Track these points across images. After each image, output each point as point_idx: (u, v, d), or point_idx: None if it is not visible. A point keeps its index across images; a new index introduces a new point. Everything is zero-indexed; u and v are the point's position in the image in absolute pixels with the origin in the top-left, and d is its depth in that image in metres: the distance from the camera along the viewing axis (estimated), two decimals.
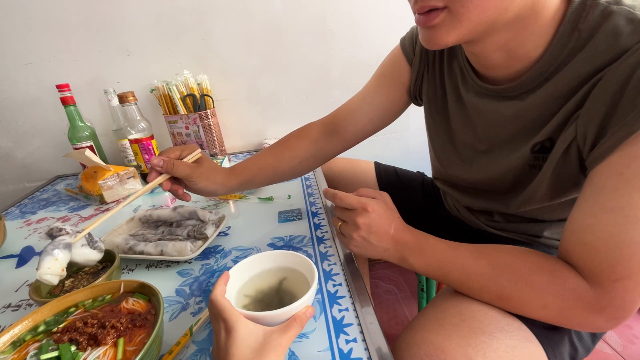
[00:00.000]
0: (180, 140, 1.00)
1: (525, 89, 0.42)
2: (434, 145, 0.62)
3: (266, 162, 0.61)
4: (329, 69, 1.07)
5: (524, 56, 0.40)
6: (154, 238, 0.59)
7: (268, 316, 0.34)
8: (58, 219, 0.77)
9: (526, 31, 0.37)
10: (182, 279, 0.51)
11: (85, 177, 0.86)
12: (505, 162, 0.48)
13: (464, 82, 0.50)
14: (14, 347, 0.35)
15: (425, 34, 0.38)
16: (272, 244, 0.57)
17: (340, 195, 0.46)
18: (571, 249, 0.36)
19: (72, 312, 0.39)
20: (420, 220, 0.71)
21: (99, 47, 0.97)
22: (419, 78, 0.58)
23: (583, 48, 0.36)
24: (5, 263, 0.61)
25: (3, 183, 1.10)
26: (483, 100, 0.47)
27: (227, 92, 1.05)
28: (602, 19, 0.35)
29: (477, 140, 0.52)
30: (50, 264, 0.41)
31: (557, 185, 0.44)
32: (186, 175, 0.52)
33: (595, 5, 0.35)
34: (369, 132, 0.64)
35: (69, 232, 0.45)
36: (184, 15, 0.96)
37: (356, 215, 0.44)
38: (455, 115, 0.54)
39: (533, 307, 0.37)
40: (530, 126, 0.43)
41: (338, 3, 0.99)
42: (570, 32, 0.37)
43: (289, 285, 0.42)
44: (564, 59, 0.38)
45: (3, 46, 0.93)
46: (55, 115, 1.02)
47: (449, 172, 0.59)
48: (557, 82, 0.39)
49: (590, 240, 0.34)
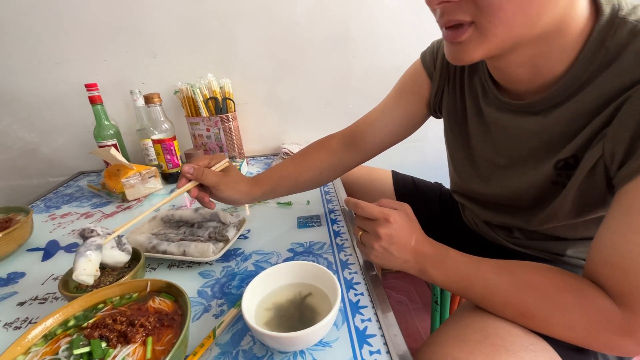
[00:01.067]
0: (201, 142, 1.01)
1: (549, 104, 0.41)
2: (453, 159, 0.62)
3: (287, 172, 0.63)
4: (349, 76, 1.08)
5: (549, 71, 0.40)
6: (176, 238, 0.60)
7: (294, 337, 0.34)
8: (81, 215, 0.79)
9: (552, 47, 0.37)
10: (204, 280, 0.51)
11: (109, 174, 0.88)
12: (526, 177, 0.47)
13: (484, 96, 0.50)
14: (45, 340, 0.36)
15: (452, 50, 0.39)
16: (292, 249, 0.57)
17: (362, 205, 0.46)
18: (598, 268, 0.35)
19: (101, 309, 0.40)
20: (437, 232, 0.69)
21: (127, 49, 0.99)
22: (440, 92, 0.58)
23: (610, 65, 0.36)
24: (32, 256, 0.63)
25: (28, 177, 1.14)
26: (504, 115, 0.47)
27: (248, 96, 1.07)
28: (632, 36, 0.35)
29: (496, 155, 0.51)
30: (85, 265, 0.42)
31: (582, 202, 0.43)
32: (214, 183, 0.53)
33: (624, 23, 0.35)
34: (388, 144, 0.65)
35: (99, 233, 0.46)
36: (209, 20, 0.98)
37: (378, 226, 0.44)
38: (475, 129, 0.54)
39: (558, 327, 0.36)
40: (554, 142, 0.43)
41: (359, 13, 1.00)
42: (597, 48, 0.36)
43: (310, 301, 0.42)
44: (590, 76, 0.37)
45: (36, 46, 0.97)
46: (80, 113, 1.05)
47: (468, 186, 0.59)
48: (584, 98, 0.38)
49: (619, 260, 0.33)
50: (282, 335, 0.34)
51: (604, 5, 0.36)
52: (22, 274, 0.57)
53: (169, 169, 0.92)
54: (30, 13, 0.93)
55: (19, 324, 0.46)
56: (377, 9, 1.00)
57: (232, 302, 0.46)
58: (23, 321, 0.46)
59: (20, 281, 0.55)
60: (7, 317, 0.47)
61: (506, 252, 0.59)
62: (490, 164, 0.53)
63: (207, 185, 0.54)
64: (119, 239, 0.48)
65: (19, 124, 1.06)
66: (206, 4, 0.96)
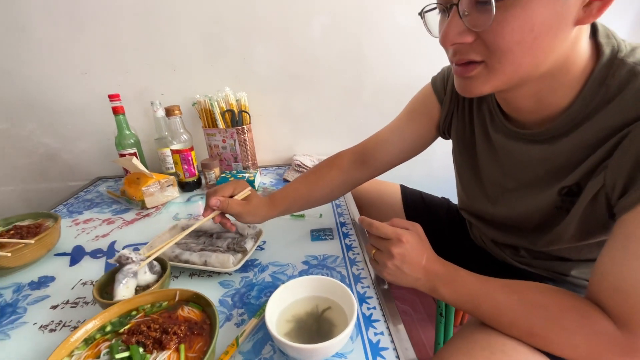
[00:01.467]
0: (217, 152, 1.05)
1: (554, 135, 0.44)
2: (461, 179, 0.65)
3: (301, 192, 0.67)
4: (361, 91, 1.12)
5: (553, 104, 0.43)
6: (197, 248, 0.63)
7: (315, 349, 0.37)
8: (103, 221, 0.82)
9: (556, 83, 0.41)
10: (224, 289, 0.55)
11: (128, 182, 0.92)
12: (532, 201, 0.50)
13: (492, 123, 0.53)
14: (86, 344, 0.39)
15: (462, 83, 0.42)
16: (306, 262, 0.60)
17: (376, 224, 0.48)
18: (601, 293, 0.37)
19: (134, 315, 0.43)
20: (444, 247, 0.71)
21: (149, 62, 1.04)
22: (449, 116, 0.61)
23: (611, 102, 0.39)
24: (60, 260, 0.66)
25: (48, 181, 1.18)
26: (511, 141, 0.50)
27: (263, 108, 1.11)
28: (631, 76, 0.38)
29: (503, 178, 0.54)
30: (123, 292, 0.47)
31: (585, 227, 0.45)
32: (237, 213, 0.59)
33: (623, 65, 0.38)
34: (397, 162, 0.69)
35: (134, 260, 0.50)
36: (228, 36, 1.02)
37: (391, 245, 0.46)
38: (483, 153, 0.57)
39: (562, 347, 0.38)
40: (558, 170, 0.46)
41: (372, 31, 1.04)
42: (598, 86, 0.40)
43: (328, 314, 0.45)
44: (592, 111, 0.40)
45: (63, 56, 1.02)
46: (102, 121, 1.09)
47: (475, 205, 0.62)
48: (586, 131, 0.41)
49: (621, 285, 0.35)
50: (304, 346, 0.37)
51: (604, 46, 0.40)
52: (52, 278, 0.61)
53: (186, 178, 0.96)
54: (59, 24, 0.98)
55: (53, 327, 0.49)
56: (389, 28, 1.03)
57: (252, 312, 0.49)
58: (57, 324, 0.50)
59: (51, 285, 0.59)
60: (42, 320, 0.51)
61: (512, 269, 0.62)
62: (498, 186, 0.56)
63: (231, 214, 0.59)
64: (151, 262, 0.52)
65: (43, 129, 1.10)
66: (227, 21, 1.00)
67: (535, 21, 0.34)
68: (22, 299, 0.56)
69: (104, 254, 0.68)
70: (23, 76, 1.03)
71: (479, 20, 0.36)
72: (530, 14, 0.34)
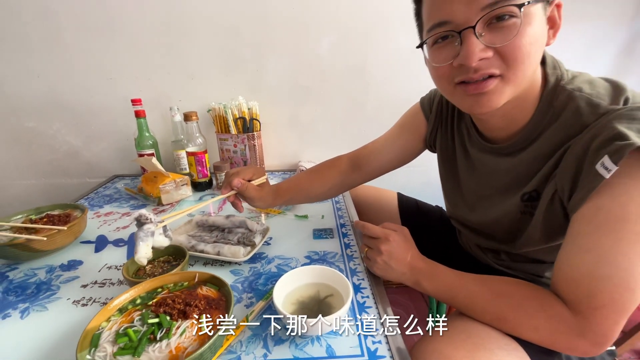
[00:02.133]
0: (228, 156, 1.13)
1: (516, 149, 0.52)
2: (444, 189, 0.73)
3: (302, 186, 0.76)
4: (364, 104, 1.20)
5: (517, 122, 0.51)
6: (210, 240, 0.70)
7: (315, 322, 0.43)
8: (122, 215, 0.90)
9: (524, 101, 0.49)
10: (235, 277, 0.61)
11: (146, 180, 0.99)
12: (501, 207, 0.58)
13: (469, 139, 0.61)
14: (120, 312, 0.46)
15: (479, 100, 0.45)
16: (308, 256, 0.67)
17: (368, 226, 0.58)
18: (558, 283, 0.44)
19: (160, 292, 0.50)
20: (436, 252, 0.78)
21: (169, 70, 1.13)
22: (434, 131, 0.70)
23: (556, 121, 0.47)
24: (86, 247, 0.73)
25: (68, 176, 1.26)
26: (484, 155, 0.58)
27: (272, 116, 1.19)
28: (569, 100, 0.46)
29: (479, 187, 0.62)
30: (146, 250, 0.52)
31: (549, 230, 0.52)
32: (251, 197, 0.67)
33: (564, 90, 0.47)
34: (387, 169, 0.77)
35: (152, 220, 0.55)
36: (244, 50, 1.11)
37: (380, 243, 0.55)
38: (462, 165, 0.65)
39: (526, 329, 0.44)
40: (521, 178, 0.53)
41: (377, 49, 1.12)
42: (547, 107, 0.48)
43: (328, 299, 0.51)
44: (544, 128, 0.49)
45: (93, 62, 1.11)
46: (122, 123, 1.18)
47: (457, 212, 0.70)
48: (540, 144, 0.49)
49: (574, 275, 0.42)
50: (305, 320, 0.43)
51: (550, 75, 0.48)
52: (80, 262, 0.68)
53: (199, 179, 1.03)
54: (91, 34, 1.07)
55: (85, 302, 0.56)
56: (392, 47, 1.12)
57: (259, 296, 0.56)
58: (88, 300, 0.56)
59: (80, 267, 0.66)
60: (74, 296, 0.57)
61: (494, 272, 0.68)
62: (475, 195, 0.64)
63: (246, 197, 0.67)
64: (165, 226, 0.58)
65: (67, 129, 1.19)
66: (243, 36, 1.09)
67: (537, 36, 0.42)
68: (55, 279, 0.62)
69: (125, 243, 0.75)
70: (54, 79, 1.12)
71: (497, 38, 0.41)
72: (535, 30, 0.41)
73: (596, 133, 0.41)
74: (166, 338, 0.40)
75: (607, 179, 0.39)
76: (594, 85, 0.46)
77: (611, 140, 0.39)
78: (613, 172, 0.38)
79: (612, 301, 0.39)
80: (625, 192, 0.38)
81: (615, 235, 0.38)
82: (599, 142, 0.40)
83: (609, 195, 0.39)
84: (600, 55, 1.16)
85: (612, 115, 0.41)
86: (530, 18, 0.41)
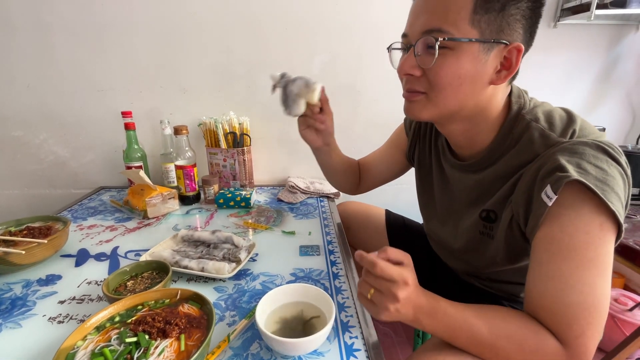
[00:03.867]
0: (217, 170, 1.13)
1: (480, 166, 0.56)
2: (420, 202, 0.77)
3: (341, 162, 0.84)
4: (354, 123, 1.22)
5: (479, 143, 0.55)
6: (195, 256, 0.69)
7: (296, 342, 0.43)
8: (106, 228, 0.88)
9: (479, 125, 0.53)
10: (218, 294, 0.61)
11: (132, 192, 0.98)
12: (466, 222, 0.60)
13: (443, 155, 0.65)
14: (98, 330, 0.45)
15: (407, 106, 0.54)
16: (294, 274, 0.67)
17: (381, 265, 0.42)
18: (536, 311, 0.44)
19: (140, 309, 0.49)
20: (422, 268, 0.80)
21: (162, 84, 1.14)
22: (412, 146, 0.75)
23: (515, 146, 0.51)
24: (66, 261, 0.72)
25: (53, 187, 1.24)
26: (454, 171, 0.62)
27: (263, 132, 1.20)
28: (526, 129, 0.50)
29: (451, 202, 0.65)
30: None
31: (513, 252, 0.54)
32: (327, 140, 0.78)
33: (523, 119, 0.51)
34: (380, 182, 0.85)
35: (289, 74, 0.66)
36: (236, 66, 1.13)
37: (397, 289, 0.42)
38: (437, 179, 0.68)
39: None
40: (482, 196, 0.57)
41: (366, 72, 1.16)
42: (507, 133, 0.52)
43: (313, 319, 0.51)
44: (504, 151, 0.52)
45: (82, 73, 1.11)
46: (111, 134, 1.17)
47: (430, 226, 0.74)
48: (500, 165, 0.53)
49: (545, 304, 0.42)
50: (287, 340, 0.43)
51: (513, 104, 0.52)
52: (59, 277, 0.66)
53: (187, 192, 1.03)
54: (83, 46, 1.08)
55: (61, 319, 0.54)
56: (380, 70, 1.15)
57: (242, 314, 0.55)
58: (65, 317, 0.55)
59: (58, 282, 0.64)
60: (51, 313, 0.56)
61: (476, 290, 0.69)
62: (447, 209, 0.67)
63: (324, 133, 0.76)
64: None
65: (55, 139, 1.18)
66: (236, 53, 1.12)
67: (462, 71, 0.46)
68: (31, 294, 0.61)
69: (108, 258, 0.73)
70: (43, 90, 1.12)
71: (426, 61, 0.47)
72: (460, 65, 0.46)
73: (542, 163, 0.45)
74: (143, 358, 0.39)
75: (554, 209, 0.42)
76: (551, 116, 0.50)
77: (553, 172, 0.43)
78: (554, 201, 0.42)
79: (590, 326, 0.40)
80: (570, 223, 0.42)
81: (571, 262, 0.41)
82: (543, 171, 0.44)
83: (558, 226, 0.42)
84: (580, 81, 1.22)
85: (558, 147, 0.45)
86: (458, 52, 0.45)
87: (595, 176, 0.41)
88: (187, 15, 1.07)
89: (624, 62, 1.21)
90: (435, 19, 0.45)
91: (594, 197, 0.41)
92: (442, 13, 0.45)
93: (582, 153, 0.43)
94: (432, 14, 0.46)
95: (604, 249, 0.41)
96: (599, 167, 0.42)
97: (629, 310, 1.13)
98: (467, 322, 0.44)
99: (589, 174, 0.41)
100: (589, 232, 0.41)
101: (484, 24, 0.44)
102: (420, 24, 0.47)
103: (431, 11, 0.46)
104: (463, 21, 0.44)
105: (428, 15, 0.46)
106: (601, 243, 0.41)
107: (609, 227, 0.41)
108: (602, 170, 0.42)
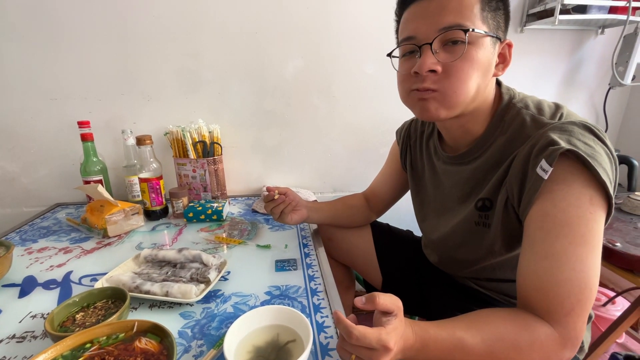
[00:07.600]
0: (186, 182, 1.06)
1: (472, 157, 0.58)
2: (414, 204, 0.77)
3: (334, 212, 0.84)
4: (330, 128, 1.19)
5: (473, 133, 0.57)
6: (159, 278, 0.63)
7: None
8: (60, 250, 0.79)
9: (477, 116, 0.56)
10: (185, 321, 0.55)
11: (91, 209, 0.90)
12: (461, 215, 0.60)
13: (435, 153, 0.68)
14: None
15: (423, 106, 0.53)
16: (269, 292, 0.62)
17: (356, 334, 0.37)
18: (528, 294, 0.44)
19: (88, 348, 0.42)
20: (410, 272, 0.82)
21: (123, 91, 1.06)
22: (404, 152, 0.78)
23: (506, 133, 0.53)
24: (8, 292, 0.63)
25: (1, 206, 1.12)
26: (448, 166, 0.63)
27: (235, 140, 1.15)
28: (517, 116, 0.53)
29: (445, 199, 0.66)
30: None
31: (509, 238, 0.54)
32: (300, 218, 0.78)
33: (514, 106, 0.54)
34: (391, 202, 0.86)
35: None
36: (205, 71, 1.07)
37: (378, 356, 0.38)
38: (430, 178, 0.70)
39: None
40: (477, 186, 0.58)
41: (342, 75, 1.14)
42: (499, 121, 0.55)
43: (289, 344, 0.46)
44: (496, 138, 0.55)
45: (33, 80, 1.01)
46: (67, 147, 1.08)
47: (425, 226, 0.74)
48: (492, 154, 0.55)
49: (539, 284, 0.43)
50: None
51: (504, 94, 0.56)
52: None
53: (153, 207, 0.95)
54: (32, 49, 0.99)
55: None
56: (357, 74, 1.14)
57: (211, 343, 0.50)
58: None
59: None
60: None
61: (468, 290, 0.68)
62: (441, 206, 0.67)
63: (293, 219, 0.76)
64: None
65: (2, 153, 1.07)
66: (204, 57, 1.06)
67: (480, 63, 0.49)
68: None
69: (58, 285, 0.65)
70: None
71: (447, 57, 0.49)
72: (479, 57, 0.49)
73: (535, 142, 0.47)
74: None
75: (547, 185, 0.44)
76: (540, 103, 0.54)
77: (547, 146, 0.45)
78: (549, 174, 0.43)
79: (579, 303, 0.41)
80: (563, 199, 0.43)
81: (564, 239, 0.42)
82: (537, 148, 0.46)
83: (551, 202, 0.44)
84: (545, 84, 1.26)
85: (548, 127, 0.48)
86: (477, 46, 0.49)
87: (584, 151, 0.43)
88: (151, 18, 1.01)
89: (586, 66, 1.26)
90: (452, 16, 0.48)
91: (584, 170, 0.42)
92: (458, 11, 0.48)
93: (572, 131, 0.45)
94: (448, 12, 0.48)
95: (595, 224, 0.42)
96: (587, 144, 0.44)
97: (602, 306, 1.16)
98: (461, 339, 0.42)
99: (579, 149, 0.43)
100: (579, 205, 0.42)
101: (490, 20, 0.49)
102: (434, 22, 0.49)
103: (446, 10, 0.48)
104: (476, 17, 0.48)
105: (444, 14, 0.48)
106: (592, 218, 0.42)
107: (598, 202, 0.42)
108: (590, 147, 0.44)
